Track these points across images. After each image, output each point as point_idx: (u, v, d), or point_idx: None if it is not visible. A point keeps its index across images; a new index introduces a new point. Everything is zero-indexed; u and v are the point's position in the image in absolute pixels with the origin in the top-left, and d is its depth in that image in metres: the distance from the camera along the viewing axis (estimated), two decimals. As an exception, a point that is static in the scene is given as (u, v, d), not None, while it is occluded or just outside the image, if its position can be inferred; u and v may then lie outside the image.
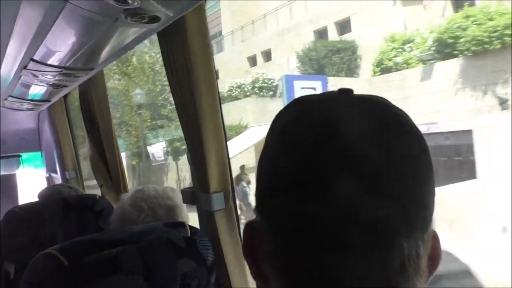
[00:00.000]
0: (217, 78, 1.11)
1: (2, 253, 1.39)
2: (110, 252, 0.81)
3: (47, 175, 3.02)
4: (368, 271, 0.34)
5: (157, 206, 1.05)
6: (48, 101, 2.19)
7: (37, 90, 1.82)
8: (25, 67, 1.31)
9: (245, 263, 0.44)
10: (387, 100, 0.41)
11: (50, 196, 1.71)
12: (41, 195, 1.76)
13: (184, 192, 1.16)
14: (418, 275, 0.36)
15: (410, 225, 0.35)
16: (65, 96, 2.34)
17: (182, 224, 0.94)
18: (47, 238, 1.39)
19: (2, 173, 3.05)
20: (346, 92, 0.40)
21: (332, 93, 0.41)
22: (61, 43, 1.08)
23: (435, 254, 0.38)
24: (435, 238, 0.38)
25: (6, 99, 2.05)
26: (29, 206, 1.47)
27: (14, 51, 1.16)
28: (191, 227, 0.95)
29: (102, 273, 0.79)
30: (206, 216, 1.12)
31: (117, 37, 1.05)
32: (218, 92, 1.10)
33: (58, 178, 2.78)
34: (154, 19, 0.79)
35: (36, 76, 1.41)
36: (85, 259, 0.78)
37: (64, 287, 0.76)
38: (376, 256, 0.34)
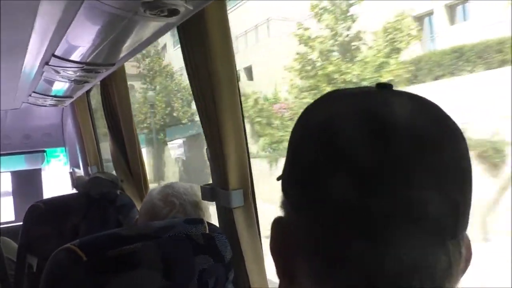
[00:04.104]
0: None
1: (25, 246, 1.41)
2: (129, 247, 0.81)
3: (71, 170, 3.07)
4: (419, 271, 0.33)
5: (187, 203, 1.09)
6: (71, 97, 2.21)
7: (60, 86, 1.85)
8: (47, 63, 1.33)
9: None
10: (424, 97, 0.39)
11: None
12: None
13: (203, 188, 1.15)
14: (459, 276, 0.36)
15: (457, 224, 0.35)
16: (88, 92, 2.37)
17: (201, 221, 0.94)
18: (69, 232, 1.42)
19: (27, 168, 3.12)
20: (385, 87, 0.38)
21: (370, 87, 0.39)
22: (82, 38, 1.08)
23: (469, 256, 0.38)
24: (467, 238, 0.38)
25: (30, 95, 2.09)
26: (53, 200, 1.49)
27: (36, 46, 1.17)
28: (209, 224, 0.94)
29: (121, 268, 0.79)
30: (225, 213, 1.10)
31: (137, 32, 1.05)
32: (238, 87, 1.08)
33: (81, 173, 2.82)
34: (173, 12, 0.78)
35: (58, 72, 1.43)
36: (104, 254, 0.79)
37: (83, 281, 0.76)
38: (426, 255, 0.33)
